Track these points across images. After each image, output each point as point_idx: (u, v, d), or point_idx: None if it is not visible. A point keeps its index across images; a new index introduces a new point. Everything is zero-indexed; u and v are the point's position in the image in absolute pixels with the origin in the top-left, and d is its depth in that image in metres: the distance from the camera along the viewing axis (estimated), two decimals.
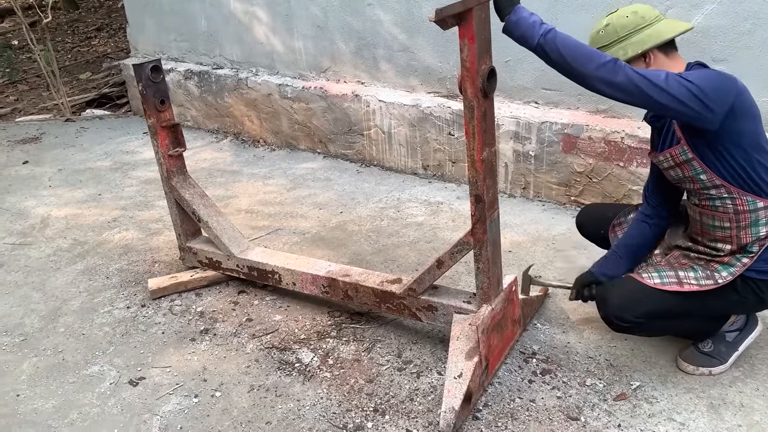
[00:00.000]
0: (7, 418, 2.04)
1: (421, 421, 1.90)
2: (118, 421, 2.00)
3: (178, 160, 2.63)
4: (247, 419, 1.96)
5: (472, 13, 1.61)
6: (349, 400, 2.01)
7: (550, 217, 3.17)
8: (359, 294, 2.30)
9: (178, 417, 1.99)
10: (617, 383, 2.01)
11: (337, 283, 2.34)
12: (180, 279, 2.69)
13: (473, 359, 1.89)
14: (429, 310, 2.15)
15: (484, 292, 1.98)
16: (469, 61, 1.68)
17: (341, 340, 2.32)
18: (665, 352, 2.13)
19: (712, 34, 2.71)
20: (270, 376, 2.15)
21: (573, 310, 2.39)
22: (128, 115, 5.65)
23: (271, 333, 2.38)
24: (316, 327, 2.40)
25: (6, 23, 9.19)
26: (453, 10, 1.58)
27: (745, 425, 1.81)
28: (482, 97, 1.73)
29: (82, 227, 3.41)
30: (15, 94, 6.61)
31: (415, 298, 2.17)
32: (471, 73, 1.69)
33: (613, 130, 3.01)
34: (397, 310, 2.23)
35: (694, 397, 1.93)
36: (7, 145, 4.87)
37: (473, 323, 1.94)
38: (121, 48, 7.60)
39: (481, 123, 1.76)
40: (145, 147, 4.63)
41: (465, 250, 1.99)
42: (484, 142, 1.80)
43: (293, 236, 3.18)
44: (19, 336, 2.48)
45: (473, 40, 1.64)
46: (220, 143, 4.76)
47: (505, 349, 2.13)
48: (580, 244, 2.86)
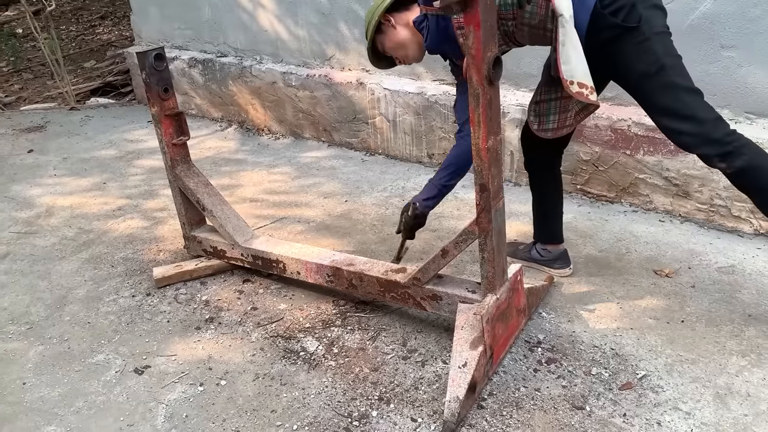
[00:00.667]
0: (13, 406, 2.05)
1: (426, 409, 1.90)
2: (123, 409, 2.00)
3: (182, 149, 2.62)
4: (252, 407, 1.97)
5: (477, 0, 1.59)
6: (354, 389, 2.01)
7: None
8: (363, 283, 2.30)
9: (183, 405, 2.00)
10: (623, 372, 2.00)
11: (342, 273, 2.34)
12: (185, 268, 2.69)
13: (478, 349, 1.88)
14: (433, 300, 2.15)
15: (489, 282, 1.98)
16: (474, 48, 1.66)
17: (346, 328, 2.32)
18: (672, 341, 2.12)
19: (720, 20, 2.67)
20: (275, 364, 2.15)
21: (579, 298, 2.38)
22: (133, 103, 5.65)
23: (276, 322, 2.38)
24: (321, 316, 2.40)
25: (10, 11, 9.18)
26: None
27: (752, 415, 1.81)
28: (487, 85, 1.71)
29: (87, 216, 3.42)
30: (19, 82, 6.61)
31: (420, 287, 2.16)
32: (476, 60, 1.67)
33: (620, 118, 2.99)
34: (402, 299, 2.23)
35: (700, 386, 1.92)
36: (11, 134, 4.88)
37: (478, 313, 1.94)
38: (125, 36, 7.58)
39: (486, 111, 1.74)
40: (150, 135, 4.62)
41: (470, 240, 1.98)
42: (490, 130, 1.78)
43: (298, 225, 3.18)
44: (25, 324, 2.49)
45: (478, 27, 1.62)
46: (225, 132, 4.75)
47: (510, 339, 2.13)
48: (585, 233, 2.85)
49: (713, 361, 2.02)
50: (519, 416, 1.86)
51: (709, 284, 2.43)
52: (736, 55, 2.69)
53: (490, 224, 1.89)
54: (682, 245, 2.71)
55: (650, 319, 2.24)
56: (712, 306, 2.30)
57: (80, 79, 6.29)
